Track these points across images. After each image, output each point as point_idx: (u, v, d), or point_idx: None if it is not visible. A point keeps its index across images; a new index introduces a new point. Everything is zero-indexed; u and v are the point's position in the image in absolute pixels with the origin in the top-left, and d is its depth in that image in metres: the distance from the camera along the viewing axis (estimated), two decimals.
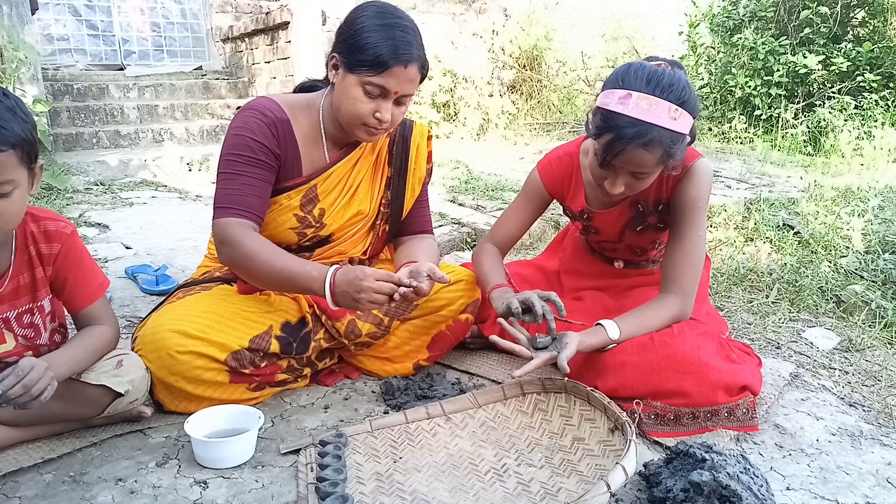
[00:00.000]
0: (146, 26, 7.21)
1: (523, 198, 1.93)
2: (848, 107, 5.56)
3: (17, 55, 4.48)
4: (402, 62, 1.54)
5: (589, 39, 7.38)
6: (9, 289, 1.43)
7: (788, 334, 2.21)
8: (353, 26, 1.58)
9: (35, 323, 1.49)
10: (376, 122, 1.59)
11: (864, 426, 1.62)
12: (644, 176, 1.54)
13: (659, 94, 1.45)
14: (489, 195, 3.94)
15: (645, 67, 1.50)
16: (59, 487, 1.33)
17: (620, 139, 1.46)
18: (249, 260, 1.55)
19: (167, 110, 5.95)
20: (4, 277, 1.43)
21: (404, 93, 1.59)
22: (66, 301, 1.52)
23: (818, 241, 3.01)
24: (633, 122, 1.45)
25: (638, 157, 1.47)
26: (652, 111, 1.44)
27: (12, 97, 1.28)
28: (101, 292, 1.55)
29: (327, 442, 1.43)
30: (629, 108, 1.45)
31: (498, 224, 1.96)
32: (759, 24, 6.43)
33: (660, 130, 1.44)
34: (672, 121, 1.45)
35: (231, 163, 1.60)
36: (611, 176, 1.56)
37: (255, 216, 1.60)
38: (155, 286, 2.52)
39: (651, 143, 1.45)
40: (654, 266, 1.94)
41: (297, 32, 5.81)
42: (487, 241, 1.95)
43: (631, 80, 1.48)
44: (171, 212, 3.86)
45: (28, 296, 1.47)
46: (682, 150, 1.53)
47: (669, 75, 1.48)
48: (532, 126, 6.54)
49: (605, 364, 1.62)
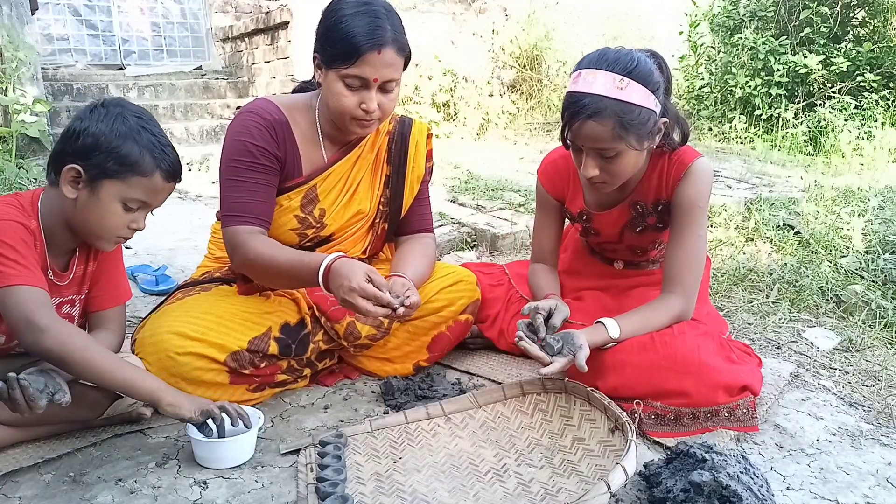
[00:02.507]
0: (146, 26, 7.21)
1: (539, 209, 1.96)
2: (848, 107, 5.55)
3: (18, 55, 4.48)
4: (375, 48, 1.51)
5: (589, 39, 7.37)
6: (69, 279, 1.49)
7: (789, 334, 2.21)
8: (326, 21, 1.57)
9: (72, 314, 1.52)
10: (364, 114, 1.58)
11: (865, 426, 1.62)
12: (610, 154, 1.55)
13: (604, 68, 1.51)
14: (489, 195, 3.94)
15: (599, 49, 1.57)
16: (58, 487, 1.33)
17: (571, 115, 1.53)
18: (256, 260, 1.58)
19: (167, 110, 5.94)
20: (70, 269, 1.49)
21: (385, 79, 1.56)
22: (92, 298, 1.55)
23: (818, 241, 3.01)
24: (581, 95, 1.51)
25: (590, 129, 1.51)
26: (597, 83, 1.50)
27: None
28: (125, 299, 1.60)
29: (327, 442, 1.43)
30: (579, 85, 1.53)
31: (533, 244, 2.00)
32: (760, 23, 6.42)
33: (606, 100, 1.49)
34: (618, 90, 1.49)
35: (234, 169, 1.61)
36: (581, 159, 1.60)
37: (262, 221, 1.63)
38: (155, 286, 2.52)
39: (598, 112, 1.49)
40: (653, 266, 1.94)
41: (297, 32, 5.81)
42: (532, 263, 1.98)
43: (584, 61, 1.56)
44: (171, 212, 3.85)
45: (76, 287, 1.51)
46: (645, 124, 1.53)
47: (618, 51, 1.55)
48: (532, 126, 6.53)
49: (605, 364, 1.62)
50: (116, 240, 1.45)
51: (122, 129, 1.36)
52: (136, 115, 1.40)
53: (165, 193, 1.46)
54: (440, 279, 1.86)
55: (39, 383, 1.27)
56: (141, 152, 1.36)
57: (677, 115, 1.66)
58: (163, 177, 1.41)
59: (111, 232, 1.42)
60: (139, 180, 1.38)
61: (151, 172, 1.38)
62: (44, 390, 1.26)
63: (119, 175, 1.36)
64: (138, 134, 1.37)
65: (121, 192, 1.37)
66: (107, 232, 1.42)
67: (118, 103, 1.41)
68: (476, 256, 3.16)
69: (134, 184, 1.37)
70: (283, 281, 1.65)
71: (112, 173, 1.36)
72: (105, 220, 1.39)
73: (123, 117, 1.37)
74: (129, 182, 1.37)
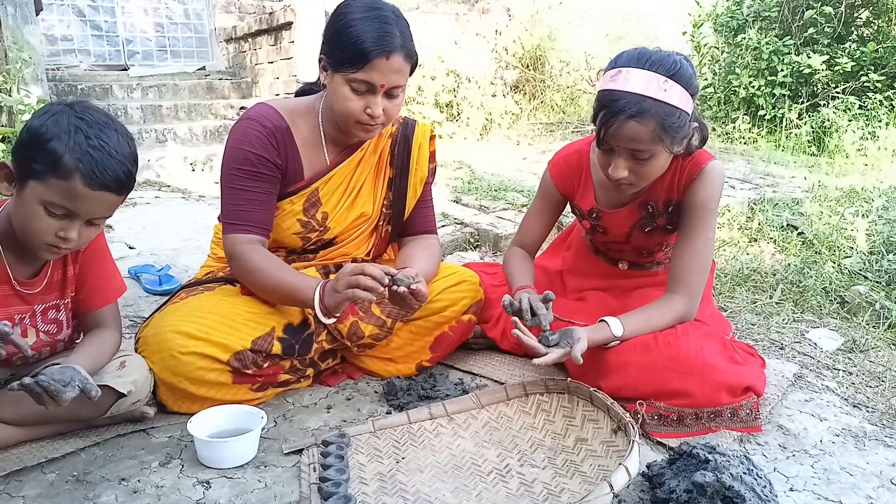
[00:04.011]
0: (150, 27, 7.23)
1: (539, 199, 1.94)
2: (852, 107, 5.53)
3: (22, 55, 4.49)
4: (384, 54, 1.52)
5: (592, 39, 7.36)
6: (44, 285, 1.45)
7: (792, 335, 2.20)
8: (335, 24, 1.57)
9: (59, 319, 1.51)
10: (369, 119, 1.59)
11: (868, 427, 1.62)
12: (644, 156, 1.53)
13: (648, 68, 1.49)
14: (492, 195, 3.94)
15: (637, 48, 1.55)
16: (62, 487, 1.33)
17: (612, 112, 1.49)
18: (252, 274, 1.61)
19: (170, 110, 5.95)
20: (42, 275, 1.45)
21: (391, 85, 1.57)
22: (81, 300, 1.53)
23: (822, 242, 3.00)
24: (623, 94, 1.48)
25: (631, 129, 1.49)
26: (640, 83, 1.48)
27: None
28: (117, 296, 1.58)
29: (330, 442, 1.43)
30: (619, 83, 1.50)
31: (521, 228, 1.98)
32: (763, 24, 6.41)
33: (649, 101, 1.47)
34: (662, 92, 1.47)
35: (234, 177, 1.62)
36: (612, 158, 1.57)
37: (262, 230, 1.65)
38: (158, 286, 2.52)
39: (641, 113, 1.47)
40: (658, 268, 1.94)
41: (301, 32, 5.82)
42: (514, 246, 1.97)
43: (623, 59, 1.54)
44: (175, 212, 3.86)
45: (57, 292, 1.49)
46: (682, 129, 1.52)
47: (660, 52, 1.53)
48: (535, 126, 6.52)
49: (608, 364, 1.62)
50: (47, 247, 1.32)
51: (53, 130, 1.25)
52: (79, 116, 1.28)
53: (94, 202, 1.29)
54: (443, 279, 1.86)
55: (65, 375, 1.26)
56: (63, 154, 1.24)
57: (699, 118, 1.66)
58: (83, 183, 1.25)
59: (37, 237, 1.30)
60: (56, 183, 1.25)
61: (69, 176, 1.24)
62: (69, 383, 1.26)
63: (39, 176, 1.25)
64: (68, 135, 1.25)
65: (40, 194, 1.26)
66: (33, 237, 1.30)
67: (69, 103, 1.31)
68: (479, 257, 3.16)
69: (51, 186, 1.25)
70: (277, 299, 1.67)
71: (34, 174, 1.25)
72: (29, 223, 1.29)
73: (62, 116, 1.26)
74: (47, 184, 1.25)
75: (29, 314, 1.44)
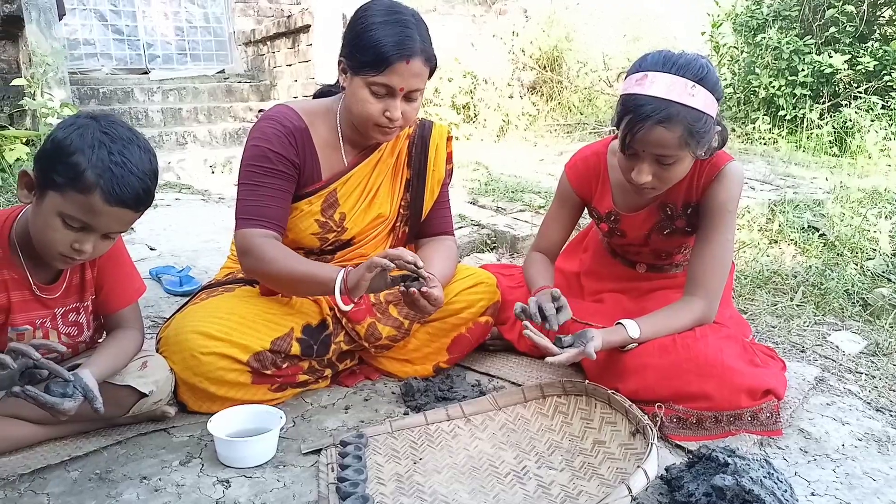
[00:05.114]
0: (170, 30, 7.31)
1: (557, 202, 1.93)
2: (875, 107, 5.45)
3: (45, 59, 4.57)
4: (404, 58, 1.53)
5: (610, 40, 7.32)
6: (63, 290, 1.47)
7: (813, 338, 2.17)
8: (355, 28, 1.58)
9: (80, 322, 1.53)
10: (387, 122, 1.59)
11: (892, 431, 1.59)
12: (669, 161, 1.52)
13: (674, 72, 1.47)
14: (509, 197, 3.93)
15: (662, 52, 1.53)
16: (85, 485, 1.36)
17: (639, 118, 1.47)
18: (268, 265, 1.58)
19: (190, 113, 6.02)
20: (61, 279, 1.47)
21: (410, 88, 1.57)
22: (101, 302, 1.55)
23: (844, 244, 2.96)
24: (649, 99, 1.46)
25: (658, 135, 1.47)
26: (667, 87, 1.45)
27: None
28: (136, 297, 1.60)
29: (348, 442, 1.44)
30: (645, 87, 1.47)
31: (540, 232, 1.98)
32: (784, 23, 6.34)
33: (677, 106, 1.45)
34: (690, 97, 1.45)
35: (251, 174, 1.62)
36: (636, 163, 1.55)
37: (276, 226, 1.63)
38: (179, 287, 2.55)
39: (669, 119, 1.45)
40: (676, 270, 1.92)
41: (318, 35, 5.85)
42: (533, 250, 1.96)
43: (647, 63, 1.51)
44: (195, 213, 3.91)
45: (76, 295, 1.51)
46: (708, 133, 1.50)
47: (686, 56, 1.50)
48: (552, 127, 6.51)
49: (626, 366, 1.61)
50: (61, 258, 1.33)
51: (77, 143, 1.26)
52: (104, 130, 1.29)
53: (111, 218, 1.31)
54: (460, 281, 1.86)
55: (67, 388, 1.27)
56: (85, 168, 1.25)
57: (721, 120, 1.64)
58: (103, 199, 1.26)
59: (52, 247, 1.31)
60: (76, 196, 1.26)
61: (89, 191, 1.26)
62: (73, 395, 1.27)
63: (59, 188, 1.26)
64: (92, 149, 1.26)
65: (59, 205, 1.27)
66: (48, 247, 1.32)
67: (95, 116, 1.32)
68: (496, 258, 3.16)
69: (70, 199, 1.26)
70: (294, 288, 1.66)
71: (54, 185, 1.27)
72: (45, 233, 1.30)
73: (87, 130, 1.28)
74: (66, 196, 1.26)
75: (49, 318, 1.46)
